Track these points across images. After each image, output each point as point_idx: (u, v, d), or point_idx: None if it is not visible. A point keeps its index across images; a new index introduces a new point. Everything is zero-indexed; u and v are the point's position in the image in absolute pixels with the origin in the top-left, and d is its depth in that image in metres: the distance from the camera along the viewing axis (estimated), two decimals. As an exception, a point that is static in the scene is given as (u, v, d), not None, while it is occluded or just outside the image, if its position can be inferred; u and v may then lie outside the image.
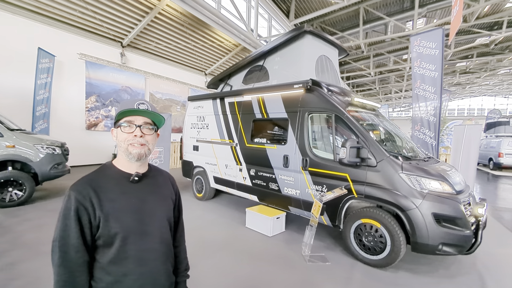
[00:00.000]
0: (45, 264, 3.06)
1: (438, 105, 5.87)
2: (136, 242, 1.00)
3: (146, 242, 1.03)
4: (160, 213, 1.11)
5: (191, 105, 6.45)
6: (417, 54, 6.23)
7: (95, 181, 1.01)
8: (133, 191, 1.06)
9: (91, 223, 0.95)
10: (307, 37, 4.69)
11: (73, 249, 0.92)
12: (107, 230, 0.96)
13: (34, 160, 5.20)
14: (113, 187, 1.02)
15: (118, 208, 0.99)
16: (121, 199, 1.02)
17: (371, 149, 3.35)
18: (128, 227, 0.99)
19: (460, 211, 2.97)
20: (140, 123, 1.05)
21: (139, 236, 1.02)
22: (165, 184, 1.21)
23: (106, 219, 0.96)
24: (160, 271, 1.08)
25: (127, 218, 1.00)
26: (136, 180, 1.07)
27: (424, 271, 3.25)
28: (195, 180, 6.27)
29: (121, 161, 1.09)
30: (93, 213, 0.95)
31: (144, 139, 1.05)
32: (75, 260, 0.92)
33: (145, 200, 1.07)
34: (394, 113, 40.49)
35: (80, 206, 0.94)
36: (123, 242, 0.98)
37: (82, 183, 0.99)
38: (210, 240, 3.96)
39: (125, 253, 0.99)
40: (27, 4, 7.82)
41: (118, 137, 1.05)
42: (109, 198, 0.99)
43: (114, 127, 1.09)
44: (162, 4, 9.06)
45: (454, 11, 6.23)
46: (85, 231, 0.94)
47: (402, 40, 14.08)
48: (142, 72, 11.71)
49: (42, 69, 8.17)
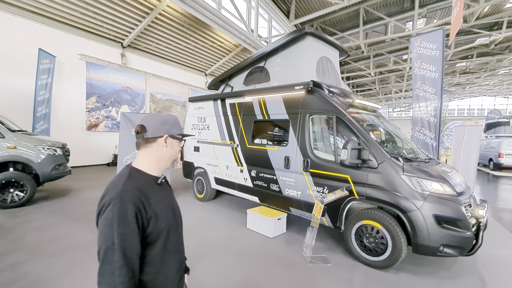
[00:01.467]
0: (48, 265, 3.07)
1: (438, 106, 5.88)
2: (174, 235, 1.16)
3: (179, 234, 1.23)
4: (179, 209, 1.29)
5: (192, 106, 6.46)
6: (418, 55, 6.24)
7: (138, 185, 1.07)
8: (163, 191, 1.20)
9: (143, 224, 1.03)
10: (308, 39, 4.70)
11: (134, 252, 0.97)
12: (156, 227, 1.06)
13: (35, 161, 5.21)
14: (151, 189, 1.12)
15: (160, 207, 1.11)
16: (161, 199, 1.13)
17: (372, 150, 3.36)
18: (169, 222, 1.14)
19: (461, 212, 2.98)
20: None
21: (175, 229, 1.19)
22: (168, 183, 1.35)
23: (156, 218, 1.06)
24: (183, 257, 1.29)
25: (168, 214, 1.15)
26: (163, 182, 1.22)
27: (425, 272, 3.27)
28: (196, 181, 6.27)
29: (149, 166, 1.18)
30: (145, 215, 1.03)
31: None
32: (135, 262, 0.97)
33: (171, 198, 1.25)
34: (394, 113, 40.51)
35: (137, 211, 1.00)
36: (167, 236, 1.11)
37: (130, 187, 1.03)
38: (211, 241, 3.96)
39: (168, 245, 1.12)
40: (28, 5, 7.83)
41: (174, 148, 1.22)
42: (154, 199, 1.09)
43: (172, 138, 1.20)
44: (163, 4, 9.07)
45: (455, 11, 6.24)
46: (140, 232, 1.01)
47: (402, 41, 14.10)
48: (143, 72, 11.72)
49: (43, 69, 8.17)
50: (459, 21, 5.92)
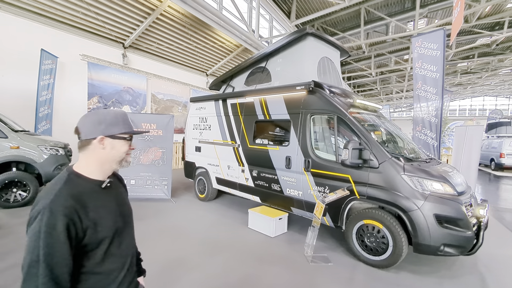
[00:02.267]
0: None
1: (439, 106, 5.89)
2: (119, 241, 1.09)
3: (126, 239, 1.15)
4: (129, 212, 1.23)
5: (193, 106, 6.48)
6: (419, 55, 6.24)
7: (74, 193, 0.98)
8: (106, 196, 1.10)
9: (77, 234, 0.94)
10: (309, 39, 4.72)
11: (62, 265, 0.89)
12: (95, 236, 0.98)
13: (38, 161, 5.24)
14: (89, 195, 1.03)
15: (101, 214, 1.03)
16: (100, 206, 1.05)
17: (373, 150, 3.38)
18: (112, 229, 1.06)
19: (461, 212, 2.99)
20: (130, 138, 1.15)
21: (121, 235, 1.11)
22: (119, 183, 1.29)
23: (94, 227, 0.98)
24: (133, 262, 1.21)
25: (109, 221, 1.06)
26: (109, 186, 1.12)
27: (426, 271, 3.28)
28: (197, 181, 6.30)
29: (91, 169, 1.07)
30: (80, 225, 0.94)
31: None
32: (63, 275, 0.90)
33: (116, 202, 1.15)
34: (395, 113, 40.44)
35: (69, 221, 0.91)
36: (109, 244, 1.04)
37: (63, 197, 0.94)
38: (212, 240, 3.98)
39: (110, 253, 1.05)
40: (30, 6, 7.86)
41: (118, 148, 1.08)
42: (92, 206, 1.00)
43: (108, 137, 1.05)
44: (164, 5, 9.09)
45: (456, 12, 6.24)
46: (73, 244, 0.93)
47: (403, 41, 14.09)
48: (144, 73, 11.74)
49: (45, 70, 8.20)
50: (460, 21, 5.92)
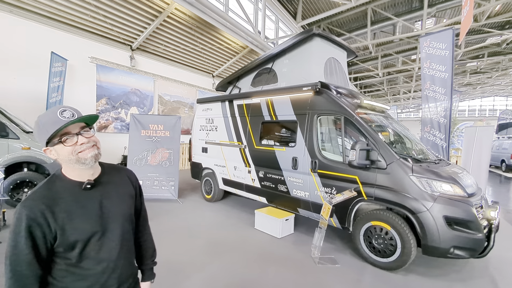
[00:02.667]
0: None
1: (448, 106, 5.80)
2: (96, 245, 1.03)
3: (106, 243, 1.06)
4: (119, 213, 1.13)
5: (200, 107, 6.53)
6: (427, 55, 6.17)
7: (46, 195, 0.98)
8: (88, 197, 1.06)
9: (45, 237, 0.94)
10: (316, 40, 4.71)
11: (24, 264, 0.91)
12: (65, 239, 0.96)
13: (48, 161, 5.34)
14: (66, 197, 1.01)
15: (73, 217, 0.99)
16: (77, 208, 1.01)
17: (381, 151, 3.35)
18: (87, 232, 1.01)
19: (472, 214, 2.94)
20: (77, 130, 1.01)
21: (99, 239, 1.04)
22: (122, 182, 1.22)
23: (63, 230, 0.96)
24: (124, 264, 1.13)
25: (84, 225, 1.01)
26: (88, 187, 1.06)
27: (436, 274, 3.23)
28: (204, 181, 6.33)
29: (70, 171, 1.05)
30: (47, 228, 0.94)
31: (92, 140, 1.04)
32: (26, 274, 0.92)
33: (101, 204, 1.08)
34: (402, 114, 39.97)
35: (33, 223, 0.92)
36: (83, 246, 1.00)
37: (33, 198, 0.96)
38: (219, 241, 4.00)
39: (86, 256, 1.01)
40: (40, 9, 8.04)
41: (61, 153, 0.99)
42: (64, 209, 0.98)
43: (47, 147, 1.00)
44: (171, 7, 9.19)
45: (465, 11, 6.15)
46: (38, 245, 0.93)
47: (410, 41, 13.94)
48: (151, 74, 11.88)
49: (55, 72, 8.36)
50: (469, 20, 5.84)
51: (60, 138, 0.98)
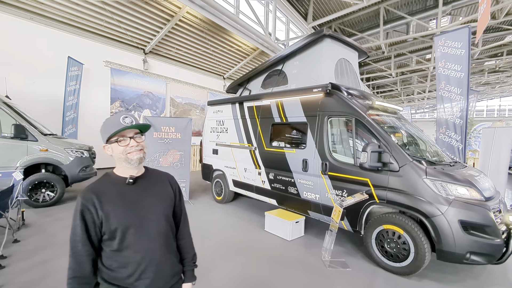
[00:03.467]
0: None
1: (464, 106, 5.63)
2: (134, 235, 1.18)
3: (144, 235, 1.20)
4: (156, 210, 1.27)
5: (210, 109, 6.59)
6: (442, 54, 6.01)
7: (97, 188, 1.20)
8: (130, 192, 1.23)
9: (95, 222, 1.14)
10: (326, 41, 4.67)
11: (80, 243, 1.13)
12: (108, 226, 1.14)
13: (65, 163, 5.52)
14: (112, 190, 1.20)
15: (116, 208, 1.17)
16: (119, 200, 1.19)
17: (393, 153, 3.29)
18: (125, 222, 1.17)
19: (489, 218, 2.84)
20: (131, 135, 1.22)
21: (137, 230, 1.18)
22: (161, 184, 1.37)
23: (107, 218, 1.14)
24: (161, 259, 1.24)
25: (124, 215, 1.17)
26: (131, 182, 1.24)
27: (451, 280, 3.13)
28: (214, 183, 6.38)
29: (120, 169, 1.27)
30: (96, 213, 1.14)
31: (140, 145, 1.24)
32: (81, 252, 1.13)
33: (140, 199, 1.24)
34: (417, 114, 38.99)
35: (85, 209, 1.14)
36: (123, 235, 1.16)
37: (87, 189, 1.19)
38: (229, 243, 4.02)
39: (126, 244, 1.16)
40: (58, 16, 8.35)
41: (115, 151, 1.21)
42: (108, 200, 1.17)
43: (106, 144, 1.23)
44: (183, 11, 9.35)
45: (482, 8, 5.95)
46: (89, 229, 1.14)
47: (425, 39, 13.62)
48: (163, 77, 12.10)
49: (71, 76, 8.65)
50: (487, 18, 5.64)
51: (117, 138, 1.20)
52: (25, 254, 3.39)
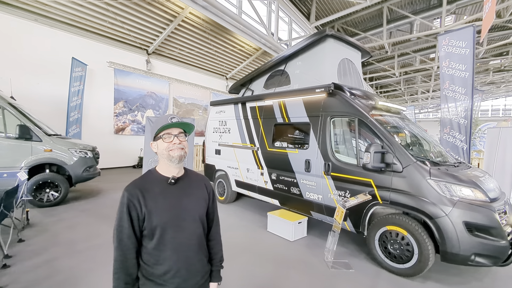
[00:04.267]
0: (80, 261, 3.27)
1: (469, 106, 5.58)
2: (172, 234, 1.22)
3: (181, 234, 1.24)
4: (193, 211, 1.31)
5: (213, 109, 6.60)
6: (446, 54, 5.96)
7: (141, 184, 1.25)
8: (171, 191, 1.28)
9: (138, 217, 1.19)
10: (329, 41, 4.66)
11: (126, 235, 1.17)
12: (149, 223, 1.19)
13: (69, 163, 5.56)
14: (155, 188, 1.25)
15: (158, 206, 1.21)
16: (161, 198, 1.23)
17: (397, 154, 3.26)
18: (165, 221, 1.21)
19: (494, 219, 2.81)
20: (176, 133, 1.28)
21: (175, 229, 1.23)
22: (199, 186, 1.40)
23: (149, 214, 1.19)
24: (194, 259, 1.29)
25: (165, 214, 1.22)
26: (173, 182, 1.28)
27: (455, 282, 3.10)
28: (217, 183, 6.39)
29: (162, 167, 1.31)
30: (140, 209, 1.19)
31: (182, 144, 1.28)
32: (127, 244, 1.18)
33: (180, 199, 1.28)
34: (420, 114, 38.71)
35: (130, 203, 1.18)
36: (162, 233, 1.20)
37: (132, 185, 1.24)
38: (232, 243, 4.02)
39: (164, 242, 1.21)
40: (63, 17, 8.42)
41: (160, 147, 1.27)
42: (152, 197, 1.22)
43: (153, 141, 1.31)
44: (186, 12, 9.38)
45: (487, 7, 5.89)
46: (134, 223, 1.19)
47: (429, 39, 13.50)
48: (166, 78, 12.15)
49: (76, 77, 8.73)
50: (492, 16, 5.58)
51: (163, 135, 1.26)
52: (30, 253, 3.41)
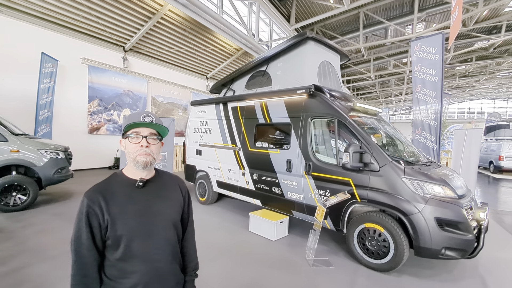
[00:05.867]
0: (50, 268, 3.09)
1: (438, 109, 5.93)
2: (141, 243, 1.08)
3: (151, 243, 1.11)
4: (165, 216, 1.18)
5: (194, 109, 6.50)
6: (418, 59, 6.29)
7: (104, 188, 1.11)
8: (139, 195, 1.14)
9: (100, 225, 1.05)
10: (310, 43, 4.76)
11: (85, 248, 1.03)
12: (113, 231, 1.04)
13: (38, 164, 5.23)
14: (120, 192, 1.11)
15: (124, 212, 1.08)
16: (127, 204, 1.10)
17: (374, 154, 3.40)
18: (133, 229, 1.07)
19: (462, 215, 3.00)
20: (145, 134, 1.14)
21: (144, 237, 1.09)
22: (172, 188, 1.27)
23: (113, 222, 1.05)
24: (166, 270, 1.15)
25: (132, 221, 1.08)
26: (141, 185, 1.15)
27: (427, 275, 3.28)
28: (198, 184, 6.30)
29: (129, 169, 1.18)
30: (102, 217, 1.04)
31: (149, 149, 1.13)
32: (87, 258, 1.03)
33: (150, 204, 1.15)
34: (394, 116, 40.56)
35: (91, 210, 1.04)
36: (128, 243, 1.06)
37: (93, 189, 1.09)
38: (213, 244, 3.98)
39: (131, 253, 1.07)
40: (31, 10, 7.91)
41: (127, 147, 1.15)
42: (116, 202, 1.08)
43: (122, 138, 1.18)
44: (165, 9, 9.16)
45: (454, 16, 6.29)
46: (95, 232, 1.04)
47: (402, 44, 14.19)
48: (144, 76, 11.80)
49: (46, 73, 8.23)
50: (458, 25, 5.97)
51: (130, 133, 1.13)
52: (-5, 262, 3.18)
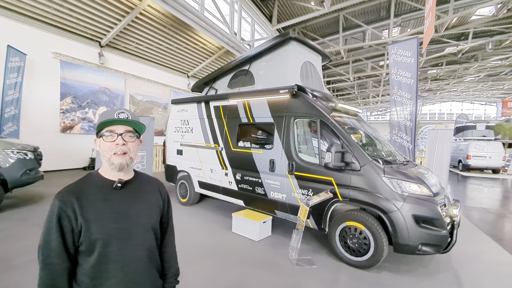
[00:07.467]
0: (17, 278, 2.87)
1: (413, 110, 6.18)
2: (117, 248, 1.02)
3: (128, 248, 1.04)
4: (144, 220, 1.11)
5: (174, 108, 6.34)
6: (394, 62, 6.53)
7: (78, 189, 1.03)
8: (116, 198, 1.08)
9: (73, 229, 0.97)
10: (292, 44, 4.78)
11: (54, 253, 0.95)
12: (88, 236, 0.97)
13: (3, 166, 4.86)
14: (96, 194, 1.04)
15: (99, 215, 1.01)
16: (103, 206, 1.03)
17: (355, 153, 3.47)
18: (109, 233, 1.01)
19: (437, 212, 3.14)
20: (121, 132, 1.07)
21: (121, 242, 1.03)
22: (151, 191, 1.21)
23: (88, 225, 0.98)
24: (144, 276, 1.09)
25: (108, 224, 1.01)
26: (119, 187, 1.08)
27: (405, 270, 3.41)
28: (179, 184, 6.15)
29: (106, 169, 1.11)
30: (74, 220, 0.97)
31: (126, 147, 1.07)
32: (57, 264, 0.95)
33: (128, 207, 1.08)
34: (372, 116, 42.03)
35: (62, 213, 0.96)
36: (104, 248, 0.99)
37: (65, 190, 1.02)
38: (195, 246, 3.90)
39: (106, 258, 1.00)
40: (-4, -1, 7.36)
41: (101, 147, 1.08)
42: (91, 205, 1.01)
43: (96, 137, 1.11)
44: (144, 4, 8.87)
45: (427, 22, 6.61)
46: (66, 237, 0.97)
47: (379, 47, 14.71)
48: (122, 73, 11.35)
49: (12, 68, 7.70)
50: (432, 30, 6.28)
51: (104, 132, 1.06)
52: (-46, 272, 2.91)
